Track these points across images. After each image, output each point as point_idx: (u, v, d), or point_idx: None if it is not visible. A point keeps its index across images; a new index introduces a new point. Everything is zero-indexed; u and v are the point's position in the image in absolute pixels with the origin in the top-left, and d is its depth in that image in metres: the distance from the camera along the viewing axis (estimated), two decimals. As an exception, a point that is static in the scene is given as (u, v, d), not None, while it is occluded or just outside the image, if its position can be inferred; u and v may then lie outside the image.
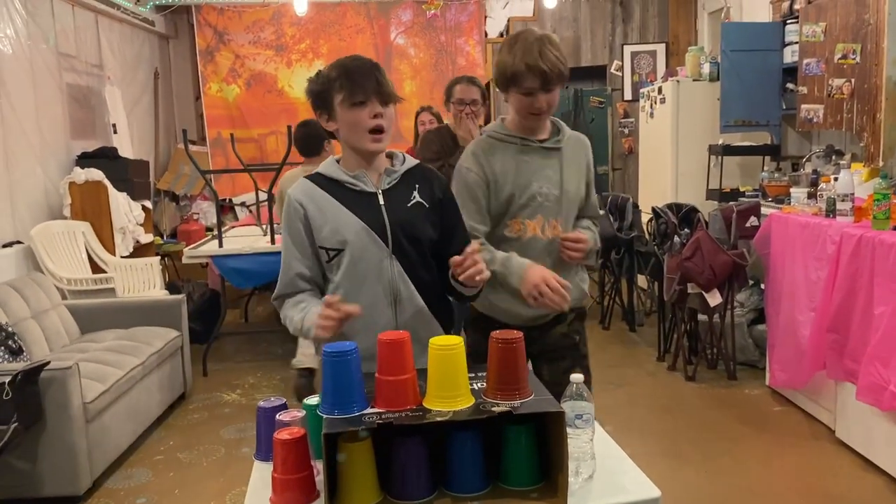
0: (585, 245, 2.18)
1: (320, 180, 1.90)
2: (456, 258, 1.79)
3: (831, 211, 3.61)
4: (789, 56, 5.19)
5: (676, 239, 4.60)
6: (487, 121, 4.29)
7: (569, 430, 1.52)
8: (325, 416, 1.48)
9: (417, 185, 1.92)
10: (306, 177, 1.93)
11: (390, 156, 1.95)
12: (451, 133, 3.46)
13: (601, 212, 5.58)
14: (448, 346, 1.53)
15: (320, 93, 1.86)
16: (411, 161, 1.97)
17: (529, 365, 2.07)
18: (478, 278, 1.79)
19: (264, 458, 1.64)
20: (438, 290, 1.95)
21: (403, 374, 1.53)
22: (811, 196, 4.17)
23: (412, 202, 1.89)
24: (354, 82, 1.80)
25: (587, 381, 2.17)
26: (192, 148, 5.17)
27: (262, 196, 5.87)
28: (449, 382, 1.52)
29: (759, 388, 4.27)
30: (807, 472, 3.29)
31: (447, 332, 1.92)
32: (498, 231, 2.18)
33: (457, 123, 3.41)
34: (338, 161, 1.93)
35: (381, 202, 1.87)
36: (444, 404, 1.50)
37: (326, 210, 1.86)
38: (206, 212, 7.33)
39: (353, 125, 1.83)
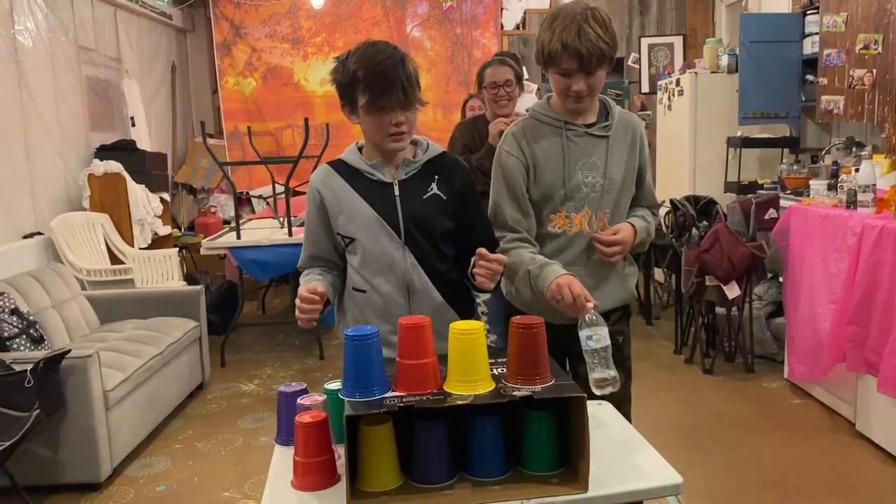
0: (621, 246, 2.02)
1: (340, 167, 1.92)
2: (482, 250, 1.74)
3: (852, 202, 3.57)
4: (809, 47, 5.14)
5: (694, 231, 4.57)
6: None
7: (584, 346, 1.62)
8: (346, 399, 1.48)
9: (437, 177, 1.90)
10: (328, 163, 1.94)
11: (414, 143, 1.94)
12: (486, 123, 3.35)
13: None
14: (468, 331, 1.53)
15: (344, 86, 1.83)
16: (435, 150, 1.95)
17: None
18: (483, 286, 1.79)
19: (285, 442, 1.65)
20: (456, 281, 1.95)
21: (424, 359, 1.53)
22: (831, 188, 4.13)
23: (428, 194, 1.89)
24: (378, 90, 1.76)
25: (626, 385, 2.16)
26: (210, 141, 5.20)
27: (279, 189, 5.90)
28: (469, 367, 1.52)
29: (778, 381, 4.24)
30: (826, 464, 3.26)
31: (465, 318, 1.92)
32: (540, 228, 2.05)
33: (492, 110, 3.32)
34: (360, 148, 1.93)
35: (396, 193, 1.87)
36: (465, 388, 1.50)
37: (342, 198, 1.88)
38: (223, 204, 7.37)
39: (374, 127, 1.83)
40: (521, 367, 1.52)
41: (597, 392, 1.71)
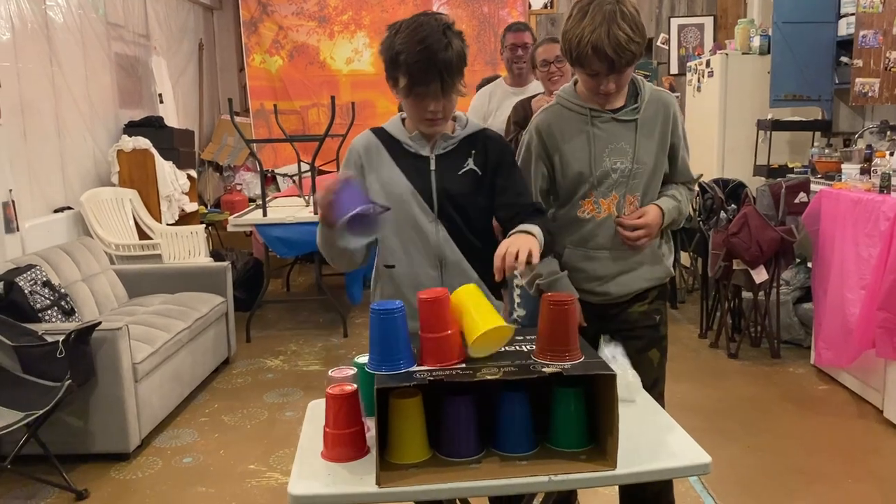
0: (646, 230, 2.00)
1: (383, 135, 1.93)
2: (500, 250, 1.68)
3: (886, 187, 3.51)
4: (844, 28, 5.03)
5: (723, 214, 4.53)
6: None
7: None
8: (375, 373, 1.49)
9: (474, 152, 1.90)
10: (372, 129, 1.96)
11: (454, 118, 1.94)
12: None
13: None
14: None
15: (387, 62, 1.82)
16: (473, 126, 1.94)
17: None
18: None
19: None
20: (487, 255, 1.94)
21: (446, 331, 1.53)
22: (864, 172, 4.06)
23: (464, 169, 1.89)
24: (417, 76, 1.75)
25: (661, 364, 2.15)
26: (236, 119, 5.21)
27: (305, 167, 5.92)
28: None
29: (804, 367, 4.21)
30: (853, 451, 3.24)
31: (497, 295, 1.92)
32: (570, 212, 2.04)
33: (546, 87, 3.35)
34: (403, 120, 1.94)
35: (433, 167, 1.88)
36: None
37: (381, 167, 1.90)
38: (248, 182, 7.41)
39: (411, 109, 1.84)
40: (551, 344, 1.52)
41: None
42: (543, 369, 1.48)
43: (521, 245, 1.64)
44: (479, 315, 1.51)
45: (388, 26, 1.84)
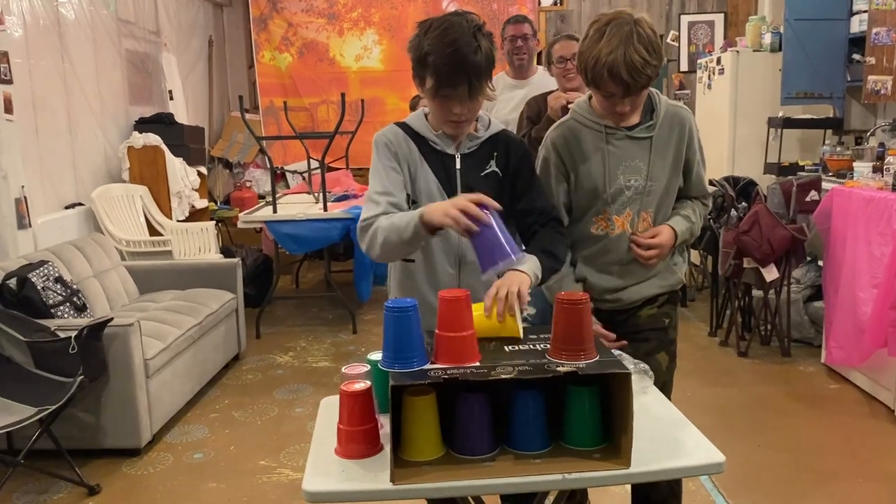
0: (658, 250, 2.00)
1: (408, 130, 1.91)
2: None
3: (898, 185, 3.49)
4: (857, 25, 5.00)
5: (733, 212, 4.51)
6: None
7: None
8: (390, 371, 1.50)
9: (496, 153, 1.91)
10: (395, 123, 1.95)
11: (476, 118, 1.92)
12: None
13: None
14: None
15: (415, 61, 1.80)
16: (496, 126, 1.94)
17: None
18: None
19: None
20: None
21: (463, 331, 1.53)
22: (876, 170, 4.05)
23: (487, 171, 1.89)
24: (444, 79, 1.73)
25: (670, 369, 2.14)
26: (246, 116, 5.22)
27: (314, 164, 5.93)
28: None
29: (815, 366, 4.19)
30: (864, 450, 3.23)
31: None
32: (584, 228, 2.04)
33: (561, 84, 3.28)
34: (426, 115, 1.93)
35: (458, 167, 1.88)
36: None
37: (409, 160, 1.89)
38: (258, 179, 7.43)
39: (436, 110, 1.83)
40: (565, 343, 1.52)
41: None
42: (558, 368, 1.48)
43: (510, 286, 1.63)
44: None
45: (418, 24, 1.81)
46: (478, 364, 1.52)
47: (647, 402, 1.73)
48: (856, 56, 5.06)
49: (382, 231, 1.76)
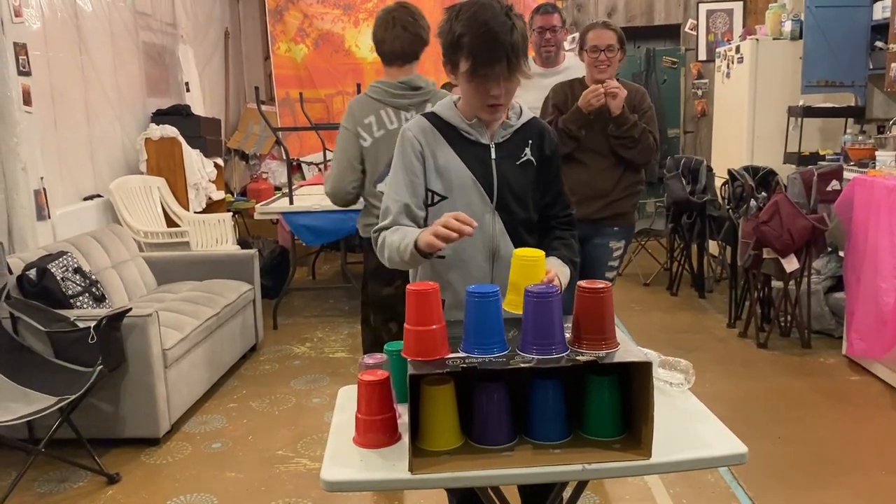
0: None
1: (437, 121, 1.86)
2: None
3: (923, 174, 3.44)
4: (879, 12, 4.92)
5: (753, 202, 4.46)
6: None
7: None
8: (409, 359, 1.48)
9: (531, 141, 1.88)
10: (423, 114, 1.90)
11: (509, 106, 1.88)
12: (582, 86, 3.17)
13: (671, 174, 5.47)
14: (531, 258, 1.62)
15: (447, 47, 1.75)
16: (528, 114, 1.91)
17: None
18: None
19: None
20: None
21: (432, 325, 1.51)
22: (899, 159, 3.99)
23: (523, 159, 1.86)
24: (481, 59, 1.69)
25: None
26: (262, 108, 5.22)
27: (330, 155, 5.92)
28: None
29: (835, 357, 4.15)
30: (886, 442, 3.19)
31: None
32: None
33: (590, 74, 3.14)
34: (455, 103, 1.87)
35: (493, 156, 1.84)
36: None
37: (439, 153, 1.83)
38: (274, 171, 7.44)
39: (473, 95, 1.77)
40: (586, 332, 1.51)
41: None
42: (578, 357, 1.46)
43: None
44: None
45: (446, 9, 1.77)
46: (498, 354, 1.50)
47: (667, 391, 1.72)
48: (878, 43, 4.98)
49: (387, 248, 1.79)
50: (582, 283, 1.53)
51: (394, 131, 2.66)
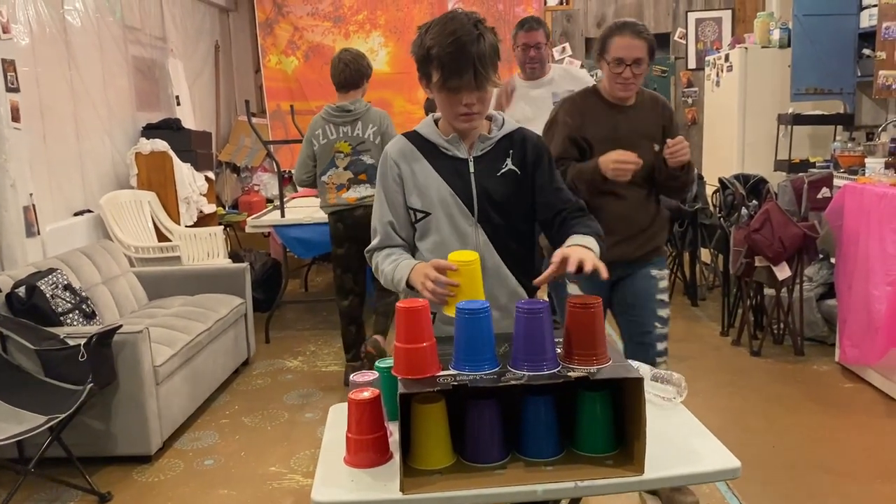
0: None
1: (416, 139, 1.90)
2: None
3: (912, 181, 3.45)
4: (866, 20, 4.95)
5: (744, 210, 4.47)
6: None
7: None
8: (399, 378, 1.47)
9: (511, 151, 1.88)
10: (404, 134, 1.94)
11: (489, 118, 1.92)
12: (599, 99, 2.66)
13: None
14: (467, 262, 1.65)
15: (419, 60, 1.80)
16: (510, 125, 1.92)
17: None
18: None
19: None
20: (526, 260, 1.94)
21: (423, 342, 1.51)
22: (888, 166, 4.01)
23: (503, 170, 1.87)
24: (449, 70, 1.73)
25: None
26: (252, 120, 5.22)
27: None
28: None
29: (828, 365, 4.15)
30: (880, 450, 3.19)
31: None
32: None
33: (611, 89, 2.61)
34: (437, 121, 1.91)
35: (472, 170, 1.85)
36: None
37: (418, 172, 1.87)
38: (266, 183, 7.43)
39: (446, 106, 1.81)
40: (577, 347, 1.50)
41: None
42: (569, 374, 1.45)
43: (584, 256, 1.65)
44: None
45: (419, 27, 1.82)
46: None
47: (660, 405, 1.71)
48: (866, 51, 5.01)
49: (382, 275, 1.88)
50: (573, 298, 1.53)
51: (332, 140, 3.96)
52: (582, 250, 1.68)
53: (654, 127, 2.65)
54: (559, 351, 1.54)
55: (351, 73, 3.96)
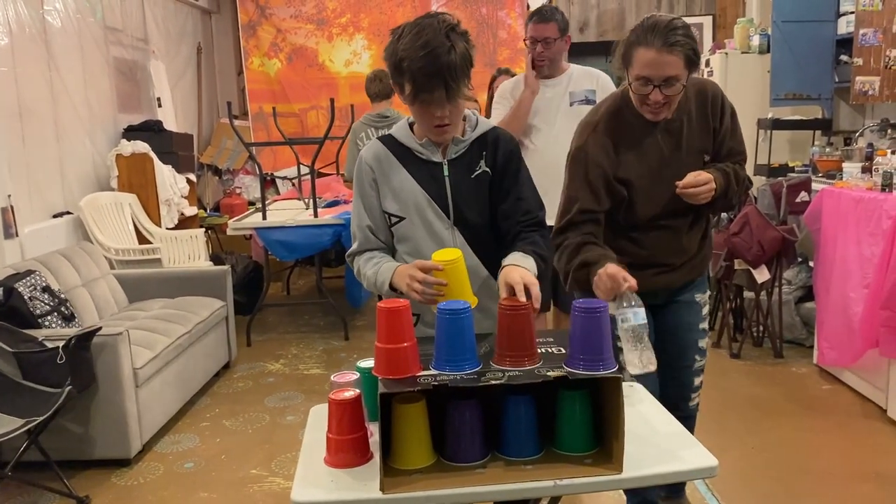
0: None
1: (392, 144, 1.90)
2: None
3: (888, 185, 3.50)
4: (844, 26, 5.02)
5: (724, 214, 4.51)
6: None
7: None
8: (380, 378, 1.48)
9: (485, 153, 1.88)
10: (379, 138, 1.94)
11: (464, 118, 1.90)
12: (633, 113, 2.14)
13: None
14: (451, 261, 1.68)
15: (392, 69, 1.78)
16: (484, 125, 1.92)
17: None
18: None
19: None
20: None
21: (404, 343, 1.52)
22: (865, 171, 4.05)
23: (477, 172, 1.87)
24: (420, 83, 1.71)
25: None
26: (235, 122, 5.20)
27: (304, 170, 5.90)
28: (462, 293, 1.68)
29: (807, 367, 4.19)
30: (857, 451, 3.23)
31: None
32: None
33: (637, 103, 2.10)
34: (412, 125, 1.91)
35: (446, 173, 1.86)
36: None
37: (392, 176, 1.87)
38: (248, 186, 7.40)
39: (419, 117, 1.82)
40: (510, 349, 1.52)
41: (632, 372, 1.71)
42: (549, 373, 1.46)
43: (526, 279, 1.63)
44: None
45: (392, 30, 1.80)
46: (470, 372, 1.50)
47: (638, 405, 1.72)
48: (843, 57, 5.08)
49: (364, 279, 1.89)
50: (503, 301, 1.56)
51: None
52: (520, 271, 1.66)
53: (705, 135, 2.21)
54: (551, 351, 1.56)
55: (383, 86, 4.85)
